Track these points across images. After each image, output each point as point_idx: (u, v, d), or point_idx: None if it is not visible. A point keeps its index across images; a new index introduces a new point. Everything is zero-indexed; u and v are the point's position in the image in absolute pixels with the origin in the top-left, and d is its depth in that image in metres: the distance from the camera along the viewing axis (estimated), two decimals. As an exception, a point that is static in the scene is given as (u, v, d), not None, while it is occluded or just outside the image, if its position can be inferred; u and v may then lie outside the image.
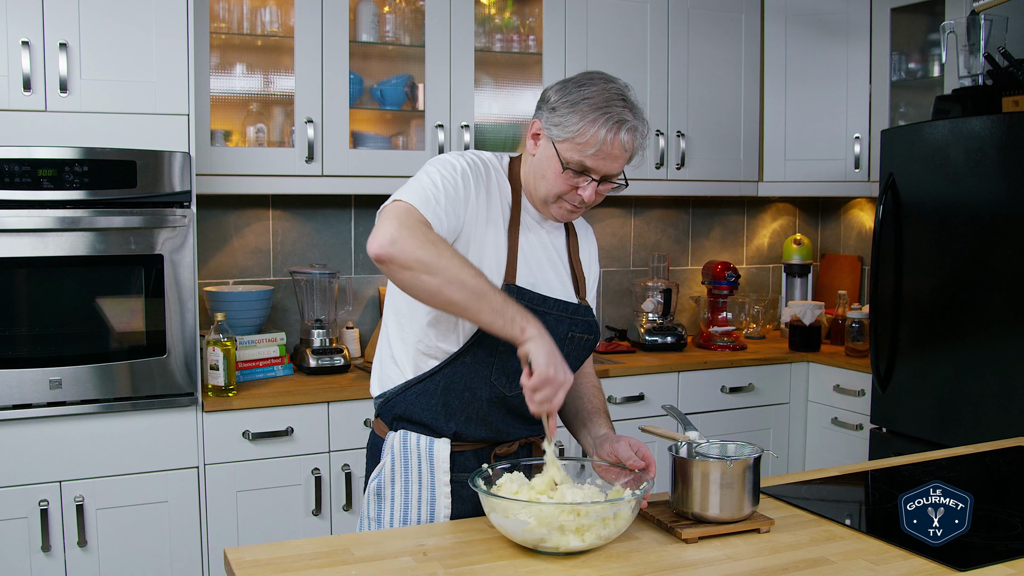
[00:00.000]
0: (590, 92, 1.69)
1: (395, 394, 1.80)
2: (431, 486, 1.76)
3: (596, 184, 1.72)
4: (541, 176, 1.75)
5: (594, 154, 1.68)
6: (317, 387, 2.99)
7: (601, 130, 1.66)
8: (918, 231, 3.15)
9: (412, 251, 1.55)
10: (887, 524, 1.62)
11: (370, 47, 3.38)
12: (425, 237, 1.56)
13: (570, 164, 1.70)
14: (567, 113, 1.69)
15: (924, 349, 3.15)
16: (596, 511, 1.47)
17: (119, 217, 2.65)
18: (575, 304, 1.82)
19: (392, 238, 1.55)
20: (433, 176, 1.69)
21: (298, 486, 2.91)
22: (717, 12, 3.82)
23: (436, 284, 1.55)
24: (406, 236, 1.55)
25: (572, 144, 1.68)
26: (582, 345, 1.84)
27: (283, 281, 3.48)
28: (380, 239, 1.56)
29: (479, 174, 1.76)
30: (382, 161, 3.26)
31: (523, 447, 1.84)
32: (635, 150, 1.72)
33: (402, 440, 1.78)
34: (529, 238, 1.81)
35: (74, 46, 2.62)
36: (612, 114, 1.67)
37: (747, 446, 1.67)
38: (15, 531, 2.59)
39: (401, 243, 1.55)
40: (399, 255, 1.55)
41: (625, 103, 1.70)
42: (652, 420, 3.41)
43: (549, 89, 1.76)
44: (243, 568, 1.42)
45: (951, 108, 3.17)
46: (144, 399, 2.70)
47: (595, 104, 1.67)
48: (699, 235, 4.29)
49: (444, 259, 1.55)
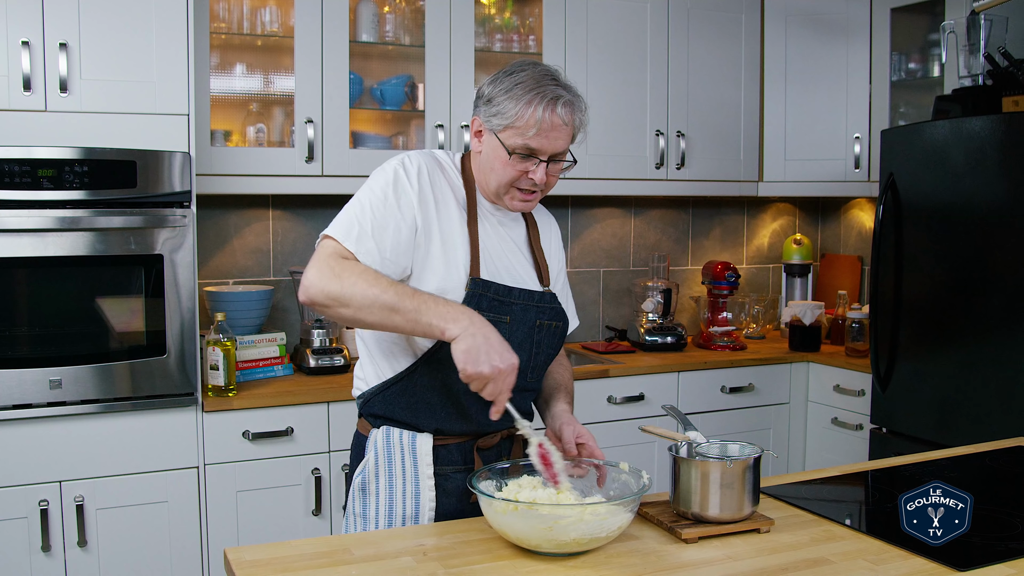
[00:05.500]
0: (521, 77, 1.72)
1: (374, 394, 1.82)
2: (415, 480, 1.77)
3: (545, 165, 1.74)
4: (490, 169, 1.76)
5: (536, 134, 1.70)
6: (317, 387, 2.99)
7: (538, 109, 1.69)
8: (918, 231, 3.15)
9: (321, 289, 1.63)
10: (887, 524, 1.62)
11: (370, 47, 3.38)
12: (331, 272, 1.63)
13: (515, 150, 1.72)
14: (503, 101, 1.71)
15: (924, 349, 3.15)
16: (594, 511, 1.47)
17: (119, 217, 2.65)
18: (540, 292, 1.84)
19: (305, 285, 1.64)
20: (362, 200, 1.73)
21: (298, 486, 2.91)
22: (717, 12, 3.82)
23: (351, 313, 1.62)
24: (314, 278, 1.63)
25: (513, 130, 1.71)
26: (552, 331, 1.85)
27: (283, 281, 3.48)
28: (304, 285, 1.65)
29: (422, 173, 1.77)
30: (382, 161, 3.21)
31: (505, 439, 1.86)
32: (576, 125, 1.75)
33: (385, 436, 1.79)
34: (487, 230, 1.82)
35: (74, 46, 2.62)
36: (546, 92, 1.70)
37: (747, 446, 1.67)
38: (15, 531, 2.59)
39: (313, 287, 1.63)
40: (315, 298, 1.64)
41: (556, 81, 1.73)
42: (652, 420, 3.41)
43: (482, 84, 1.79)
44: (243, 568, 1.42)
45: (951, 108, 3.17)
46: (144, 399, 2.70)
47: (528, 86, 1.70)
48: (699, 235, 4.29)
49: (350, 287, 1.61)
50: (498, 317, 1.75)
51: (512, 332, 1.77)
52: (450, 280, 1.73)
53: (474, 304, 1.72)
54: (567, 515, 1.44)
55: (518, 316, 1.78)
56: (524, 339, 1.80)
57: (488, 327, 1.59)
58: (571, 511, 1.45)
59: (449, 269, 1.74)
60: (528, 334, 1.80)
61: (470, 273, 1.75)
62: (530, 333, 1.80)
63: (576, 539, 1.44)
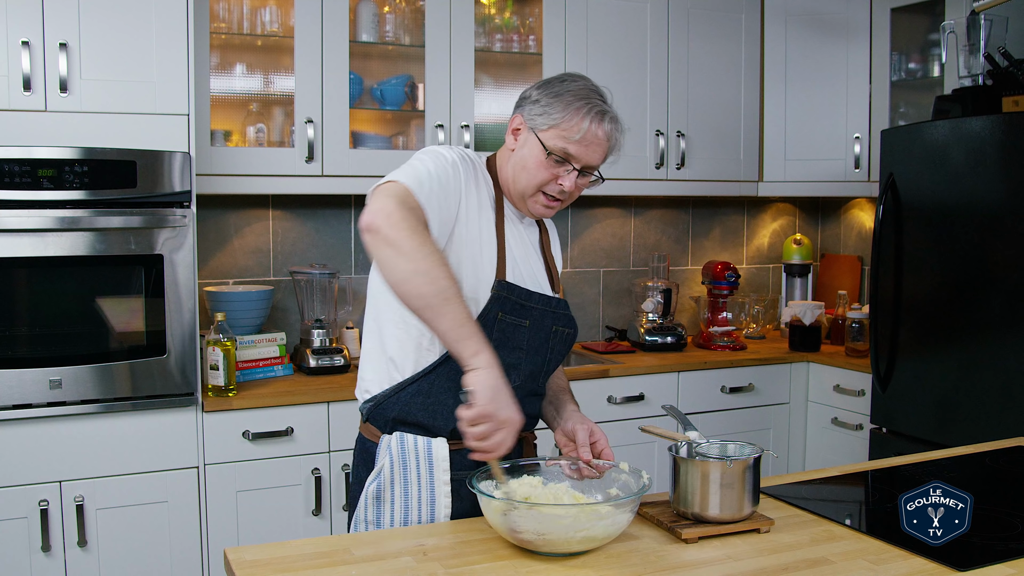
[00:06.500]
0: (572, 86, 1.76)
1: (387, 396, 1.80)
2: (431, 486, 1.76)
3: (577, 174, 1.76)
4: (522, 168, 1.78)
5: (578, 140, 1.73)
6: (317, 387, 2.99)
7: (585, 119, 1.73)
8: (918, 231, 3.15)
9: (400, 229, 1.54)
10: (887, 524, 1.62)
11: (370, 47, 3.38)
12: (417, 221, 1.57)
13: (554, 151, 1.74)
14: (551, 103, 1.74)
15: (924, 349, 3.15)
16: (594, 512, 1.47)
17: (119, 217, 2.65)
18: (556, 298, 1.85)
19: (387, 211, 1.55)
20: (427, 164, 1.70)
21: (298, 486, 2.91)
22: (717, 12, 3.82)
23: (410, 270, 1.53)
24: (398, 215, 1.55)
25: (557, 131, 1.73)
26: (563, 339, 1.87)
27: (283, 281, 3.48)
28: (375, 209, 1.56)
29: (468, 168, 1.78)
30: (382, 161, 3.25)
31: (517, 443, 1.85)
32: (614, 143, 1.79)
33: (399, 442, 1.77)
34: (513, 233, 1.83)
35: (74, 46, 2.62)
36: (594, 104, 1.74)
37: (747, 446, 1.67)
38: (15, 531, 2.59)
39: (393, 219, 1.54)
40: (388, 229, 1.54)
41: (604, 100, 1.78)
42: (652, 420, 3.41)
43: (529, 88, 1.82)
44: (243, 568, 1.42)
45: (951, 108, 3.17)
46: (144, 399, 2.70)
47: (578, 95, 1.74)
48: (699, 235, 4.29)
49: (425, 249, 1.54)
50: (519, 321, 1.75)
51: (531, 336, 1.78)
52: (478, 279, 1.74)
53: (497, 306, 1.73)
54: (567, 515, 1.44)
55: (537, 321, 1.79)
56: (541, 344, 1.80)
57: (505, 381, 1.54)
58: (571, 511, 1.45)
59: (477, 268, 1.74)
60: (545, 339, 1.81)
61: (496, 275, 1.76)
62: (546, 338, 1.81)
63: (575, 539, 1.44)
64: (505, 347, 1.74)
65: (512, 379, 1.75)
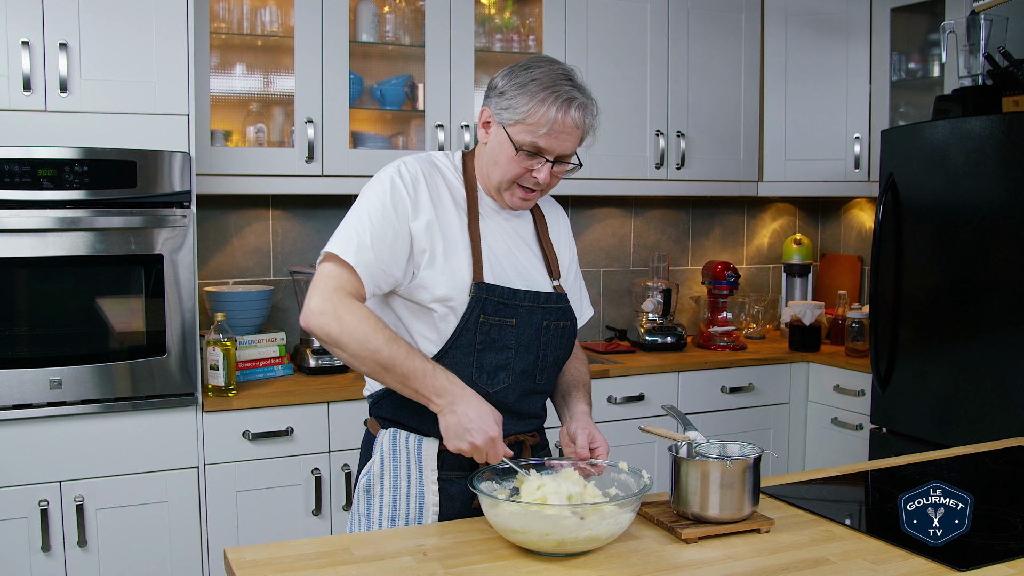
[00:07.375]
0: (537, 74, 1.70)
1: (381, 396, 1.82)
2: (419, 484, 1.77)
3: (551, 165, 1.73)
4: (494, 162, 1.75)
5: (546, 133, 1.69)
6: (317, 387, 2.99)
7: (551, 109, 1.67)
8: (918, 231, 3.15)
9: (320, 326, 1.64)
10: (887, 524, 1.62)
11: (370, 47, 3.38)
12: (333, 310, 1.64)
13: (523, 146, 1.71)
14: (516, 95, 1.69)
15: (924, 349, 3.15)
16: (596, 512, 1.47)
17: (119, 217, 2.65)
18: (547, 293, 1.82)
19: (306, 314, 1.66)
20: (359, 211, 1.72)
21: (298, 486, 2.91)
22: (717, 12, 3.82)
23: (345, 357, 1.65)
24: (316, 310, 1.64)
25: (523, 126, 1.70)
26: (560, 331, 1.84)
27: (283, 281, 3.48)
28: (303, 313, 1.67)
29: (419, 183, 1.75)
30: (382, 161, 3.22)
31: (513, 445, 1.84)
32: (586, 128, 1.74)
33: (392, 438, 1.79)
34: (491, 227, 1.81)
35: (74, 46, 2.62)
36: (561, 92, 1.68)
37: (747, 446, 1.67)
38: (15, 531, 2.59)
39: (313, 321, 1.64)
40: (314, 331, 1.65)
41: (572, 82, 1.71)
42: (652, 420, 3.41)
43: (496, 76, 1.77)
44: (243, 568, 1.42)
45: (951, 108, 3.17)
46: (144, 399, 2.70)
47: (543, 84, 1.69)
48: (699, 235, 4.29)
49: (348, 333, 1.63)
50: (503, 320, 1.74)
51: (519, 334, 1.77)
52: (454, 286, 1.72)
53: (479, 309, 1.72)
54: (567, 515, 1.44)
55: (524, 318, 1.77)
56: (531, 341, 1.79)
57: (469, 402, 1.62)
58: (571, 511, 1.45)
59: (453, 275, 1.72)
60: (535, 336, 1.79)
61: (473, 277, 1.74)
62: (537, 334, 1.80)
63: (576, 539, 1.44)
64: (492, 348, 1.74)
65: (501, 379, 1.76)
